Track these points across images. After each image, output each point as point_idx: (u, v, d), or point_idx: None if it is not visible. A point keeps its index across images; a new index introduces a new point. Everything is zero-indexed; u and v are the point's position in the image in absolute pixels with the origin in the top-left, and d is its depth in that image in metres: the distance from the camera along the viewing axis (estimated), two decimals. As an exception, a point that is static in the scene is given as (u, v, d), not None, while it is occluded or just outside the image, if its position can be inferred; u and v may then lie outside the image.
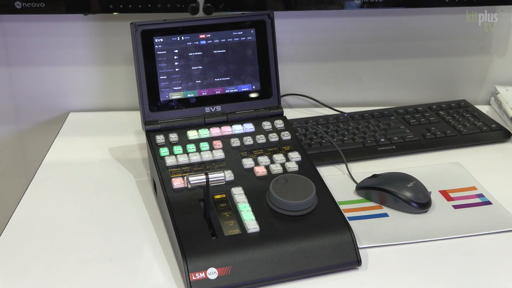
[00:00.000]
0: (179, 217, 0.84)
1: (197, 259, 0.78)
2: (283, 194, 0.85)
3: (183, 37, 1.00)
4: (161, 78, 1.00)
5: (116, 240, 0.88)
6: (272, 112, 1.03)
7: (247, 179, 0.91)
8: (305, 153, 0.96)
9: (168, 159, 0.93)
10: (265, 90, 1.04)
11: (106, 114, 1.27)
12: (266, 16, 1.02)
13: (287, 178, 0.88)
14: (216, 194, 0.88)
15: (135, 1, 1.10)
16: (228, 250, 0.79)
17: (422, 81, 1.33)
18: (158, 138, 0.97)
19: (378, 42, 1.28)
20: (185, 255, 0.78)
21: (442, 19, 1.27)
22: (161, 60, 1.00)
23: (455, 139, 1.13)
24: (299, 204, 0.84)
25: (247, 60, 1.03)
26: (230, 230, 0.82)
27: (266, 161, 0.94)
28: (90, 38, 1.23)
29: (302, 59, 1.29)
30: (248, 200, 0.87)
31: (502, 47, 1.30)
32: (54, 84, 1.27)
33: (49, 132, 1.21)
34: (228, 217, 0.84)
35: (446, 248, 0.86)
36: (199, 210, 0.85)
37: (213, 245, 0.80)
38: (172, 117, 1.01)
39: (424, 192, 0.94)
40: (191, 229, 0.82)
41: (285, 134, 1.00)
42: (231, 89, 1.03)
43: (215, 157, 0.95)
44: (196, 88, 1.02)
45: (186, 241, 0.80)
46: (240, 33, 1.02)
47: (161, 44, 0.99)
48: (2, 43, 1.22)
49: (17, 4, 1.09)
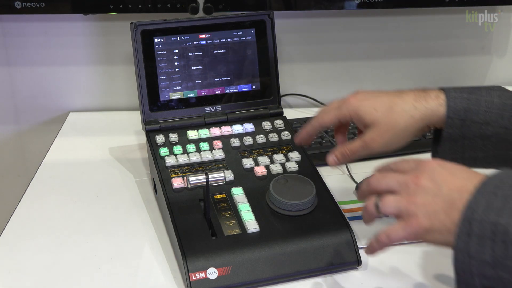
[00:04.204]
0: (179, 217, 0.84)
1: (197, 259, 0.78)
2: (283, 194, 0.85)
3: (183, 37, 1.00)
4: (161, 78, 1.00)
5: (116, 240, 0.88)
6: (272, 112, 1.04)
7: (247, 179, 0.91)
8: (305, 153, 0.96)
9: (168, 159, 0.93)
10: (265, 90, 1.04)
11: (106, 114, 1.27)
12: (266, 16, 1.03)
13: (287, 178, 0.88)
14: (216, 194, 0.88)
15: (135, 1, 1.10)
16: (228, 250, 0.79)
17: (422, 81, 1.33)
18: (158, 138, 0.97)
19: (378, 42, 1.28)
20: (185, 255, 0.78)
21: (442, 19, 1.27)
22: (161, 60, 1.00)
23: (455, 139, 1.13)
24: (299, 204, 0.84)
25: (247, 60, 1.03)
26: (230, 230, 0.82)
27: (266, 161, 0.94)
28: (90, 38, 1.23)
29: (302, 59, 1.29)
30: (248, 200, 0.87)
31: (502, 47, 1.30)
32: (54, 84, 1.27)
33: (49, 132, 1.21)
34: (228, 217, 0.84)
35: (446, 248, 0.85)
36: (199, 210, 0.85)
37: (213, 245, 0.80)
38: (172, 117, 1.01)
39: (424, 192, 0.93)
40: (191, 229, 0.82)
41: (285, 134, 1.00)
42: (231, 89, 1.03)
43: (215, 157, 0.95)
44: (196, 88, 1.02)
45: (186, 241, 0.80)
46: (240, 33, 1.02)
47: (161, 44, 0.99)
48: (2, 43, 1.22)
49: (17, 4, 1.09)
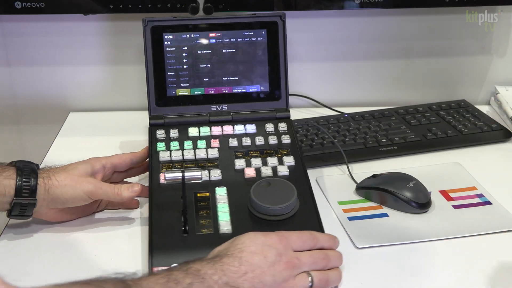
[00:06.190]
0: (157, 211, 0.84)
1: (162, 254, 0.78)
2: (262, 197, 0.83)
3: (193, 35, 1.01)
4: (169, 74, 1.01)
5: (116, 240, 0.88)
6: (278, 115, 1.02)
7: (235, 179, 0.90)
8: (301, 158, 0.94)
9: (162, 154, 0.94)
10: (274, 92, 1.03)
11: (106, 114, 1.27)
12: (278, 17, 1.02)
13: (270, 182, 0.86)
14: (200, 192, 0.87)
15: (135, 1, 1.10)
16: (195, 249, 0.78)
17: (422, 81, 1.33)
18: (159, 133, 0.98)
19: (378, 42, 1.28)
20: (152, 248, 0.78)
21: (442, 19, 1.27)
22: (170, 57, 1.00)
23: (456, 139, 1.13)
24: (276, 209, 0.82)
25: (257, 61, 1.03)
26: (204, 229, 0.82)
27: (258, 163, 0.93)
28: (90, 38, 1.23)
29: (302, 59, 1.28)
30: (230, 201, 0.86)
31: (502, 47, 1.30)
32: (54, 84, 1.27)
33: (49, 132, 1.21)
34: (205, 216, 0.84)
35: (446, 248, 0.86)
36: (179, 207, 0.84)
37: (181, 242, 0.80)
38: (177, 113, 1.01)
39: (424, 192, 0.94)
40: (165, 225, 0.82)
41: (285, 138, 0.98)
42: (239, 89, 1.03)
43: (209, 156, 0.94)
44: (204, 86, 1.02)
45: (156, 235, 0.80)
46: (251, 33, 1.02)
47: (171, 40, 1.00)
48: (2, 43, 1.22)
49: (17, 4, 1.09)
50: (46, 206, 0.85)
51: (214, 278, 0.67)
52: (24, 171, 0.83)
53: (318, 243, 0.77)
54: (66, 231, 0.89)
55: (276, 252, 0.71)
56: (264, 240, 0.72)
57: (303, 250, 0.75)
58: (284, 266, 0.71)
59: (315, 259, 0.74)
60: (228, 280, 0.67)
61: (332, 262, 0.76)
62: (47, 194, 0.83)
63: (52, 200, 0.84)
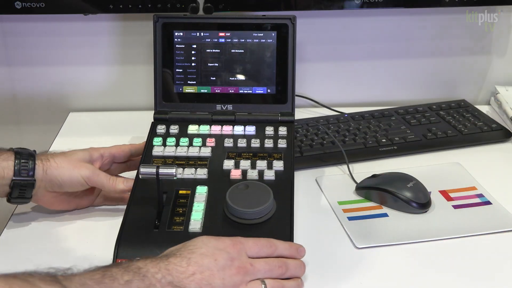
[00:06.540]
0: (134, 205, 0.84)
1: (129, 247, 0.78)
2: (235, 200, 0.82)
3: (203, 33, 1.02)
4: (176, 71, 1.02)
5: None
6: (282, 118, 1.01)
7: (219, 180, 0.90)
8: (291, 164, 0.92)
9: (156, 149, 0.94)
10: (280, 95, 1.03)
11: (107, 114, 1.27)
12: (289, 20, 1.02)
13: (248, 185, 0.85)
14: (182, 189, 0.87)
15: (135, 1, 1.10)
16: (161, 245, 0.77)
17: (422, 81, 1.33)
18: (159, 128, 0.99)
19: (378, 42, 1.28)
20: (120, 239, 0.79)
21: (442, 19, 1.27)
22: (178, 54, 1.01)
23: (456, 139, 1.13)
24: (247, 212, 0.81)
25: (265, 63, 1.03)
26: (175, 226, 0.81)
27: (246, 166, 0.92)
28: (90, 38, 1.23)
29: (302, 59, 1.28)
30: (208, 201, 0.85)
31: (502, 47, 1.30)
32: (54, 84, 1.27)
33: (49, 132, 1.21)
34: (180, 214, 0.83)
35: (446, 248, 0.86)
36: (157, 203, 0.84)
37: (149, 238, 0.80)
38: (182, 109, 1.02)
39: (424, 192, 0.94)
40: (139, 219, 0.82)
41: (282, 142, 0.96)
42: (245, 89, 1.03)
43: (201, 154, 0.94)
44: (210, 85, 1.03)
45: (127, 227, 0.81)
46: (261, 35, 1.02)
47: (181, 38, 1.01)
48: (2, 43, 1.22)
49: (17, 4, 1.09)
50: (44, 188, 0.86)
51: (157, 276, 0.66)
52: (22, 154, 0.85)
53: (276, 250, 0.75)
54: (66, 231, 0.89)
55: (228, 256, 0.70)
56: (216, 244, 0.71)
57: (259, 257, 0.73)
58: (235, 271, 0.70)
59: (271, 266, 0.73)
60: (173, 279, 0.66)
61: (290, 271, 0.74)
62: (45, 174, 0.85)
63: (50, 181, 0.85)
